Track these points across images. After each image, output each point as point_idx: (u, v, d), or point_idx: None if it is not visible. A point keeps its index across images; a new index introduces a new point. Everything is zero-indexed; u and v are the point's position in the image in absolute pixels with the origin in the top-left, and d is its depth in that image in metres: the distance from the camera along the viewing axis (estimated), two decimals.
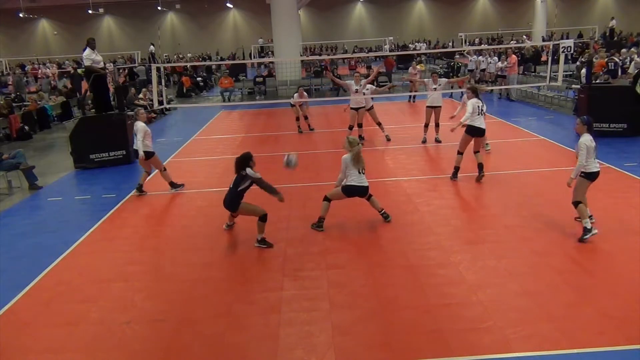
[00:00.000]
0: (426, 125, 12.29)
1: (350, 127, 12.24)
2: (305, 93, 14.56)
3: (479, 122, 8.86)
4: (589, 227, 6.38)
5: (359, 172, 7.05)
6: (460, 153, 9.07)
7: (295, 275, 5.95)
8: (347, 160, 7.06)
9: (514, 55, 18.59)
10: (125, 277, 6.14)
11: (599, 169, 6.44)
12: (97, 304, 5.53)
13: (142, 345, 4.79)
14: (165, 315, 5.26)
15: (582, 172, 6.38)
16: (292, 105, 14.23)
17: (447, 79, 13.05)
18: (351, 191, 7.14)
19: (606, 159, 9.83)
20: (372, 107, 12.55)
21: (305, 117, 14.31)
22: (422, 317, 4.97)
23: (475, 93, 9.06)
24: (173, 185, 9.38)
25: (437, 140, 12.16)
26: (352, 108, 12.19)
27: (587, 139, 6.35)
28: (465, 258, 6.14)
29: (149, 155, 9.01)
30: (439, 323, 4.85)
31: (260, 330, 4.89)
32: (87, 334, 5.00)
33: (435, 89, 12.21)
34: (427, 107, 12.30)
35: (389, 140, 12.49)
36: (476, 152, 9.05)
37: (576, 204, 6.42)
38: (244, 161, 6.63)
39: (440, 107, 12.19)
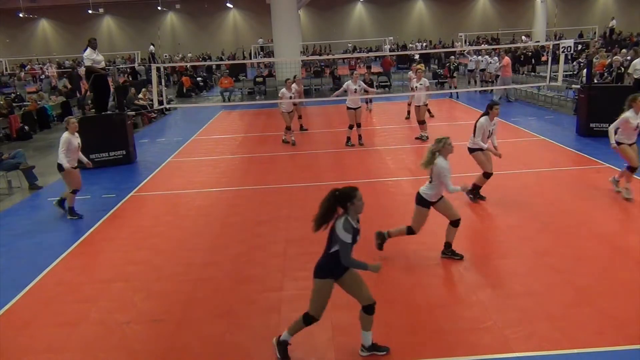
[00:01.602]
0: (421, 122, 12.65)
1: (350, 127, 12.24)
2: (301, 85, 14.39)
3: None
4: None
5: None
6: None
7: (295, 275, 5.95)
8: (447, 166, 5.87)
9: (506, 57, 18.47)
10: (125, 277, 6.14)
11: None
12: (97, 304, 5.53)
13: (142, 345, 4.79)
14: (165, 315, 5.26)
15: None
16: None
17: (427, 81, 13.08)
18: None
19: (606, 158, 9.84)
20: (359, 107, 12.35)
21: (300, 117, 14.24)
22: (422, 317, 4.97)
23: None
24: (71, 211, 8.27)
25: (420, 138, 12.46)
26: (349, 108, 12.13)
27: None
28: (465, 258, 6.14)
29: (60, 168, 8.04)
30: (439, 323, 4.85)
31: (260, 330, 4.89)
32: (87, 334, 5.00)
33: (416, 87, 12.39)
34: (416, 105, 12.58)
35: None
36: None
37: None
38: (337, 203, 4.20)
39: (426, 105, 12.44)
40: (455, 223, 6.06)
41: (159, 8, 43.95)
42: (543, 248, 6.30)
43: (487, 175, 7.96)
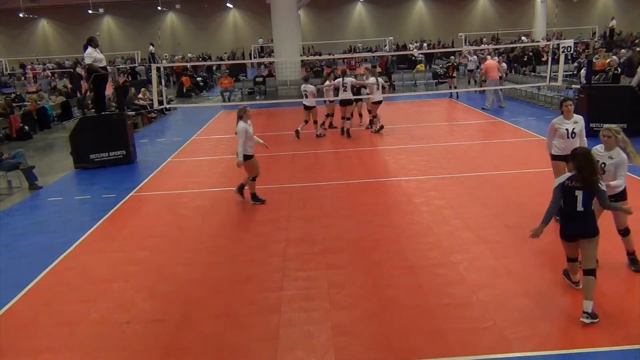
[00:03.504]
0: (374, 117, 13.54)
1: (343, 118, 13.08)
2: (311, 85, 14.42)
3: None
4: None
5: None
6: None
7: (295, 275, 5.94)
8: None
9: (490, 61, 17.50)
10: (125, 277, 6.14)
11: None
12: (97, 304, 5.53)
13: (142, 345, 4.79)
14: (165, 315, 5.26)
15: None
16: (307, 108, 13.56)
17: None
18: None
19: None
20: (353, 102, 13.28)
21: (315, 122, 13.81)
22: (422, 317, 4.97)
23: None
24: (254, 197, 8.49)
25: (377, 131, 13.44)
26: (341, 104, 13.15)
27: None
28: (465, 258, 6.14)
29: (246, 158, 8.23)
30: (439, 323, 4.85)
31: (260, 330, 4.89)
32: (87, 334, 5.00)
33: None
34: (373, 102, 13.34)
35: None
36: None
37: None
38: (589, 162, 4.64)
39: (381, 101, 13.47)
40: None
41: (159, 8, 43.91)
42: (543, 248, 6.29)
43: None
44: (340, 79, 13.05)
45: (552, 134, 6.84)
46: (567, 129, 6.66)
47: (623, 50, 18.78)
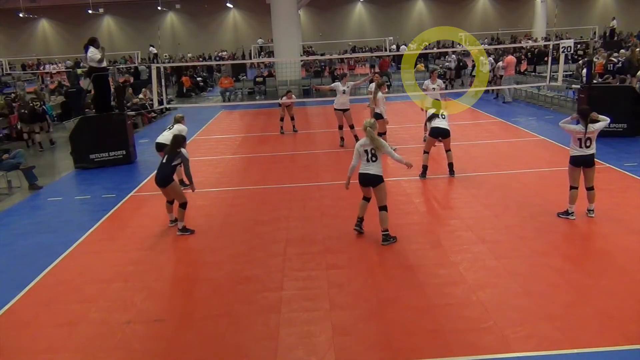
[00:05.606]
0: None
1: (340, 127, 12.22)
2: (293, 96, 14.88)
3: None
4: (570, 211, 7.07)
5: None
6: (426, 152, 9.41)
7: (295, 275, 5.95)
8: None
9: (511, 56, 18.49)
10: (125, 277, 6.14)
11: (576, 154, 6.99)
12: (97, 304, 5.53)
13: (142, 345, 4.79)
14: (165, 315, 5.26)
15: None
16: (280, 105, 14.43)
17: (442, 81, 13.02)
18: None
19: (606, 159, 9.84)
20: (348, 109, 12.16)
21: (292, 118, 14.43)
22: (422, 317, 4.97)
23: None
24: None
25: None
26: (336, 109, 12.15)
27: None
28: (465, 258, 6.14)
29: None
30: (439, 323, 4.85)
31: (260, 330, 4.89)
32: (87, 334, 5.00)
33: (434, 89, 12.33)
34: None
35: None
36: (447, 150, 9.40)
37: (570, 188, 7.10)
38: None
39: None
40: None
41: (159, 8, 43.92)
42: (543, 248, 6.30)
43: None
44: (339, 83, 12.22)
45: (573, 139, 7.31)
46: (579, 138, 7.10)
47: (622, 51, 18.78)
